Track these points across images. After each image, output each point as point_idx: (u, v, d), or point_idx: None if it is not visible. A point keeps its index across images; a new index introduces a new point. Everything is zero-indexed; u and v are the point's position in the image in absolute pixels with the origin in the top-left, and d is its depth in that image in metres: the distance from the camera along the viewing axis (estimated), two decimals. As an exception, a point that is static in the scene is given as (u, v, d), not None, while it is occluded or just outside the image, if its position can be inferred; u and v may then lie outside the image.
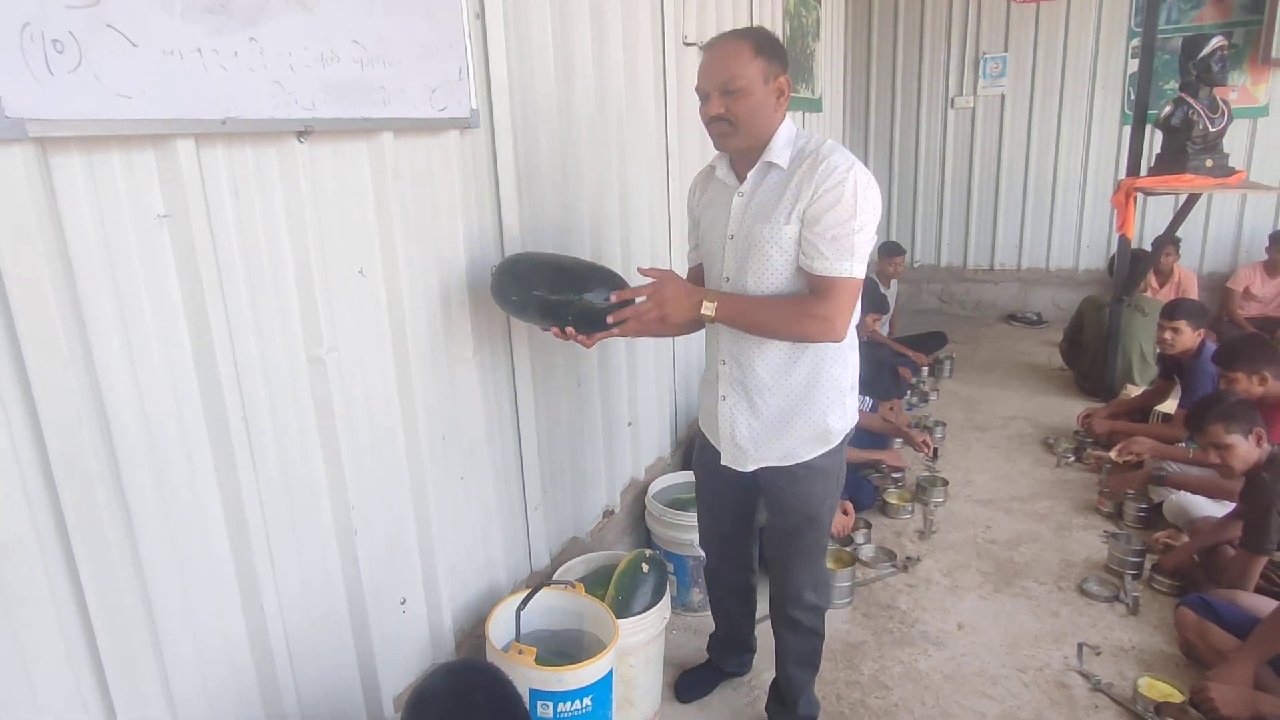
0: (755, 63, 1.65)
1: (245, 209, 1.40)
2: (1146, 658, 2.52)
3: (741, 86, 1.64)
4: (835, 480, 1.95)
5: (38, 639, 1.16)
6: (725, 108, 1.66)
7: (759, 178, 1.76)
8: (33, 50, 1.02)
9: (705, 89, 1.69)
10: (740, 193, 1.78)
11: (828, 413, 1.83)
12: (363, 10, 1.51)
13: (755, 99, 1.66)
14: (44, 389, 1.11)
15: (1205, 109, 3.98)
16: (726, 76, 1.64)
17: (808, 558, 2.00)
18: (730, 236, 1.80)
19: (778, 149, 1.72)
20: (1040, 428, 4.46)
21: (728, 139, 1.72)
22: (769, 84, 1.68)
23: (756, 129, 1.70)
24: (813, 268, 1.67)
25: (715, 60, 1.67)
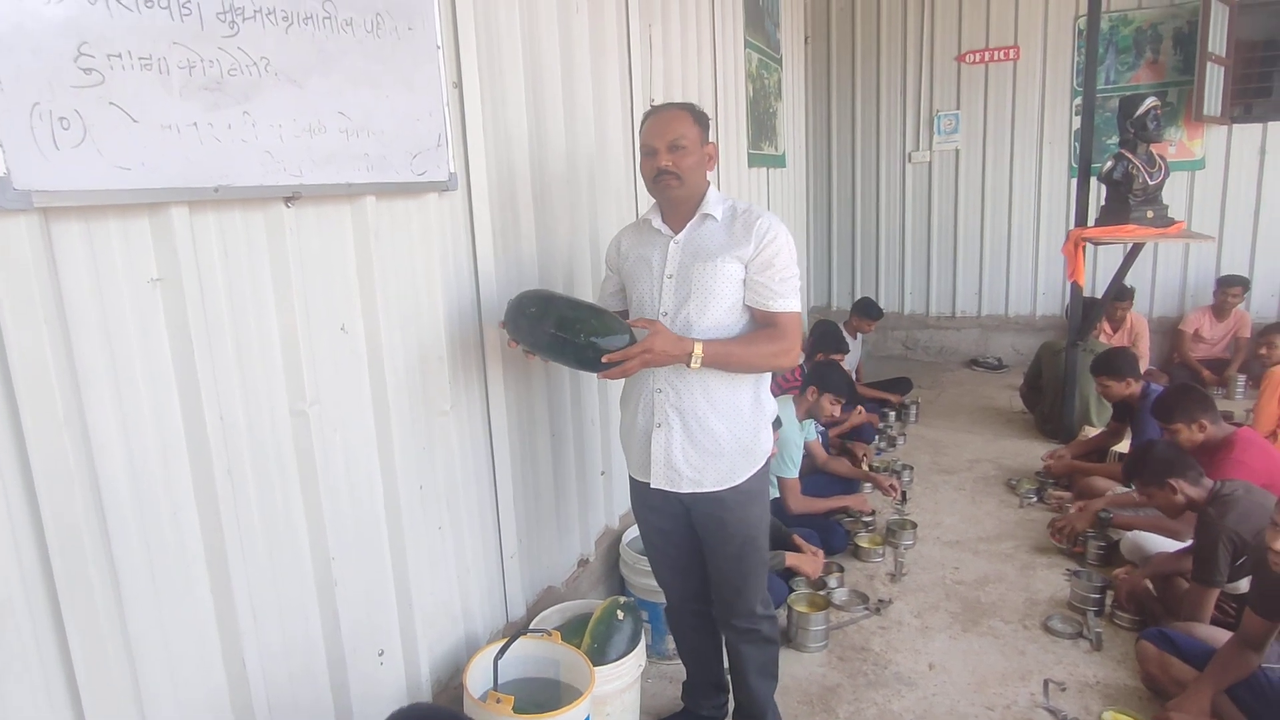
0: (695, 128, 1.94)
1: (234, 270, 1.46)
2: (1110, 692, 2.59)
3: (685, 145, 1.91)
4: (765, 499, 2.14)
5: (23, 699, 1.18)
6: (672, 161, 1.90)
7: (696, 226, 1.99)
8: (41, 127, 1.09)
9: (654, 145, 1.93)
10: (676, 240, 2.00)
11: (758, 433, 2.03)
12: (348, 84, 1.61)
13: (695, 157, 1.94)
14: (38, 449, 1.15)
15: (1144, 164, 4.22)
16: (675, 135, 1.91)
17: (753, 575, 2.12)
18: (669, 276, 1.99)
19: (712, 204, 1.99)
20: (1004, 469, 4.58)
21: (673, 189, 1.94)
22: (703, 147, 1.97)
23: (695, 183, 1.96)
24: (770, 306, 1.93)
25: (663, 122, 1.94)
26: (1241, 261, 6.21)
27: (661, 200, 2.02)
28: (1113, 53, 6.32)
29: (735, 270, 1.92)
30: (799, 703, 2.58)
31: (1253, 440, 3.09)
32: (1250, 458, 2.99)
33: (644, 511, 2.19)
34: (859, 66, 7.06)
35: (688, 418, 1.98)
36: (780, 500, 3.52)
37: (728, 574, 2.11)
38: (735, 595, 2.13)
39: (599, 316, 1.85)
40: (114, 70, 1.18)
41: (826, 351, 4.47)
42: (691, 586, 2.26)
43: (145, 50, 1.22)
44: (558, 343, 1.84)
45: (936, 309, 7.22)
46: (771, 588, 3.03)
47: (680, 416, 1.99)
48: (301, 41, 1.50)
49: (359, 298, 1.76)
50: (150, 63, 1.23)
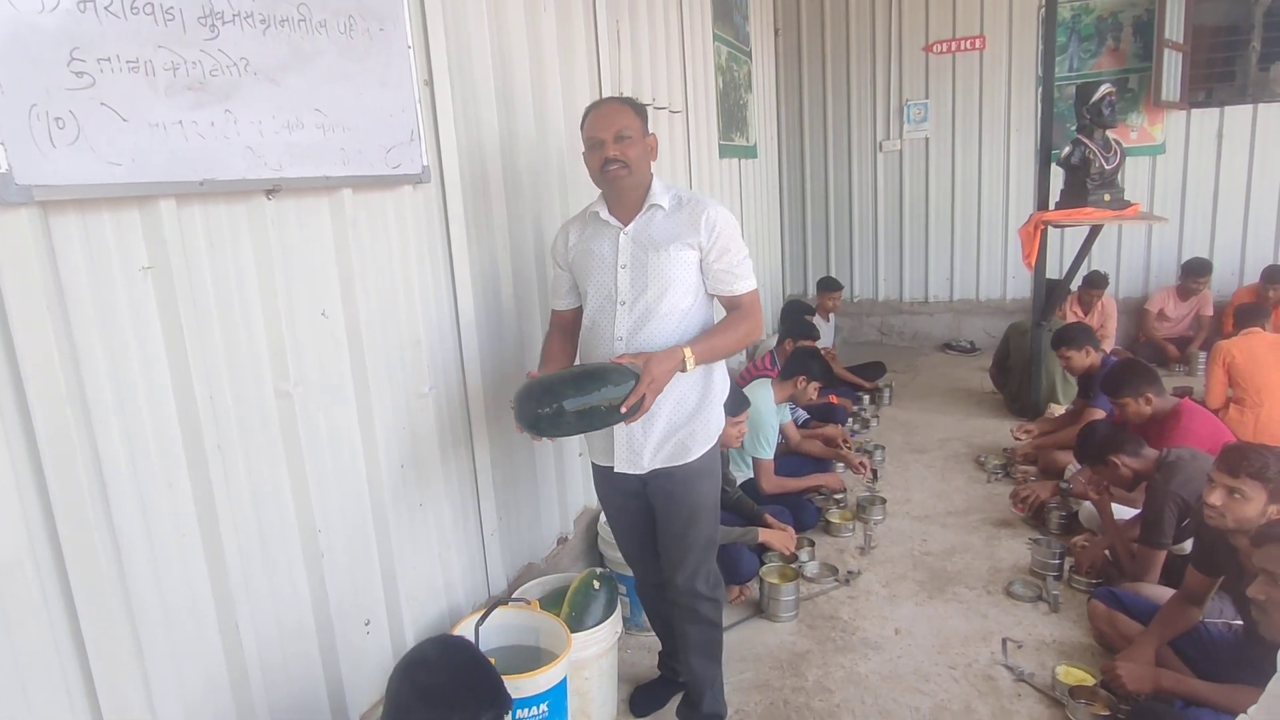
0: (637, 119, 2.02)
1: (219, 259, 1.56)
2: (1065, 649, 2.73)
3: (630, 135, 1.99)
4: (716, 479, 2.20)
5: (34, 655, 1.28)
6: (619, 151, 1.97)
7: (646, 218, 2.05)
8: (39, 127, 1.19)
9: (600, 137, 1.99)
10: (625, 231, 2.05)
11: (712, 412, 2.11)
12: (324, 82, 1.70)
13: (640, 147, 2.02)
14: (43, 422, 1.25)
15: (1100, 149, 4.37)
16: (620, 126, 1.98)
17: (698, 551, 2.17)
18: (622, 266, 2.04)
19: (658, 194, 2.06)
20: (973, 447, 4.73)
21: (622, 179, 2.01)
22: (645, 138, 2.04)
23: (641, 172, 2.04)
24: (733, 289, 2.05)
25: (606, 114, 2.02)
26: (1202, 243, 6.39)
27: (610, 191, 2.07)
28: (1075, 40, 6.48)
29: (690, 256, 2.01)
30: (770, 668, 2.71)
31: (1196, 410, 3.24)
32: (1196, 425, 3.14)
33: (607, 493, 2.28)
34: (829, 58, 7.20)
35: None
36: (754, 480, 3.64)
37: (670, 548, 2.19)
38: (675, 570, 2.18)
39: (600, 380, 1.84)
40: (104, 73, 1.28)
41: (795, 339, 4.60)
42: (654, 563, 2.36)
43: (132, 54, 1.32)
44: (585, 424, 1.88)
45: (910, 295, 7.37)
46: (743, 561, 3.17)
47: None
48: (278, 43, 1.59)
49: (338, 285, 1.86)
50: (137, 65, 1.32)
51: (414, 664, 1.47)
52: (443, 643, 1.59)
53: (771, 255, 6.63)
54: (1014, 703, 2.47)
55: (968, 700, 2.49)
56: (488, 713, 1.42)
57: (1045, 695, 2.47)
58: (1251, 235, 6.30)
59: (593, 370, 1.90)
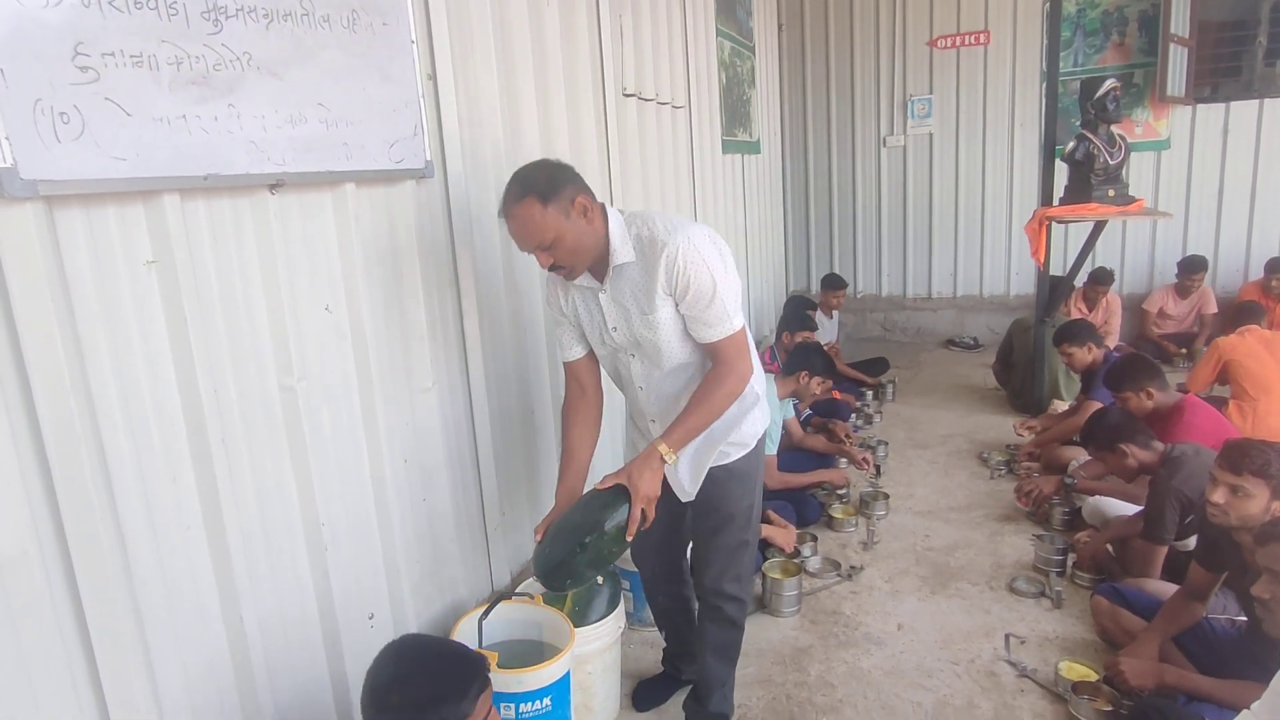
0: (549, 211, 1.73)
1: (223, 254, 1.57)
2: (1068, 644, 2.73)
3: (553, 238, 1.75)
4: (753, 481, 2.13)
5: (40, 647, 1.28)
6: (554, 258, 1.78)
7: (617, 278, 1.88)
8: (43, 122, 1.19)
9: (527, 250, 1.81)
10: (602, 291, 1.91)
11: (741, 423, 2.04)
12: (327, 76, 1.71)
13: (571, 235, 1.76)
14: (48, 415, 1.25)
15: (1104, 144, 4.35)
16: (537, 238, 1.75)
17: (729, 553, 2.14)
18: (613, 329, 1.95)
19: (619, 249, 1.84)
20: (976, 443, 4.72)
21: (573, 274, 1.86)
22: (572, 215, 1.76)
23: (589, 252, 1.82)
24: (705, 338, 1.87)
25: (519, 229, 1.77)
26: (1206, 239, 6.37)
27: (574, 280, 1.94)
28: (1080, 35, 6.45)
29: (666, 311, 1.85)
30: (772, 663, 2.71)
31: (1199, 405, 3.23)
32: (1200, 420, 3.13)
33: None
34: (833, 53, 7.17)
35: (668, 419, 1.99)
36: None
37: (701, 547, 2.19)
38: (705, 568, 2.18)
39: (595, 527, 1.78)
40: (108, 68, 1.28)
41: (792, 331, 4.60)
42: (665, 568, 2.37)
43: (136, 49, 1.32)
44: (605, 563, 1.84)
45: (913, 291, 7.36)
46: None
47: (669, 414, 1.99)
48: (281, 37, 1.60)
49: (341, 279, 1.87)
50: (141, 60, 1.33)
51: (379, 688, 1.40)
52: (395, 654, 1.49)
53: (775, 251, 6.62)
54: (1017, 698, 2.47)
55: (970, 696, 2.49)
56: (473, 685, 1.38)
57: (1048, 691, 2.47)
58: (1257, 231, 6.28)
59: (585, 521, 1.81)
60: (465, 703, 1.35)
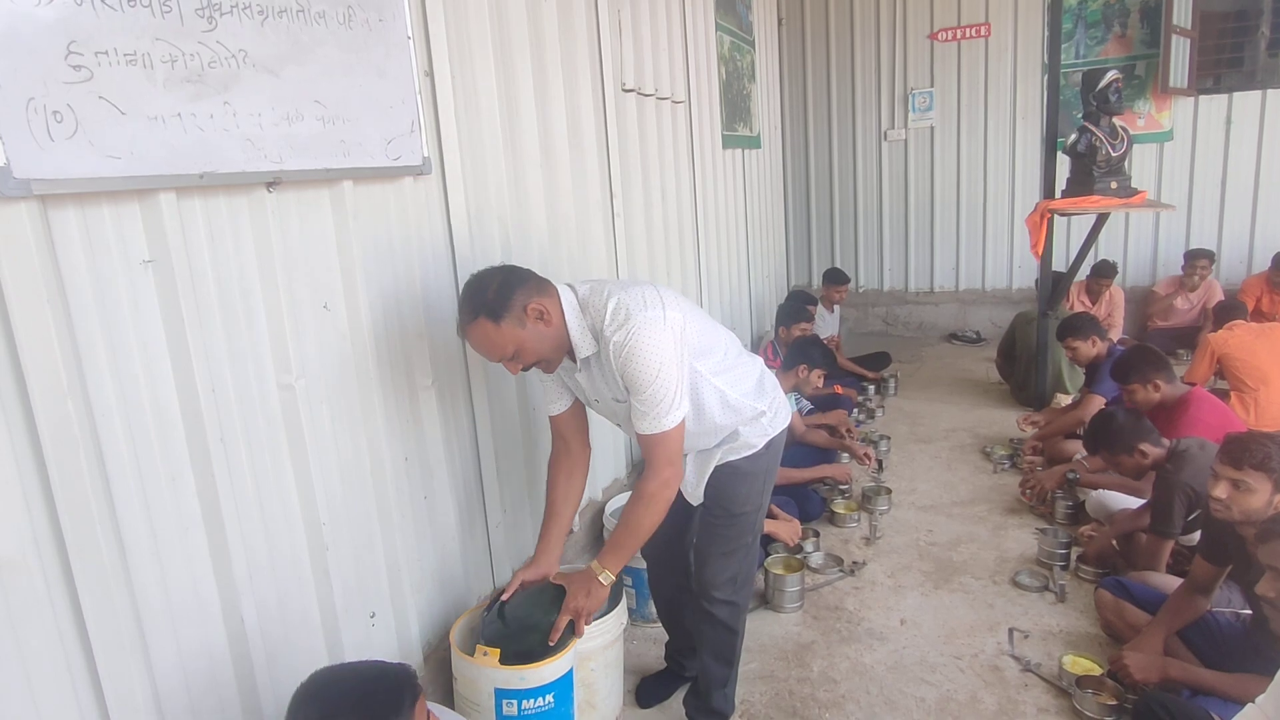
0: (502, 327, 1.73)
1: (220, 252, 1.56)
2: (1072, 638, 2.72)
3: (513, 351, 1.77)
4: (758, 482, 2.12)
5: (39, 649, 1.28)
6: (521, 365, 1.81)
7: (587, 367, 1.90)
8: (36, 120, 1.18)
9: (494, 362, 1.83)
10: (579, 371, 1.92)
11: (737, 434, 2.06)
12: (323, 74, 1.69)
13: (531, 343, 1.77)
14: (45, 416, 1.25)
15: (1106, 136, 4.34)
16: (498, 354, 1.78)
17: (725, 553, 2.14)
18: (595, 401, 2.01)
19: (580, 343, 1.83)
20: (979, 438, 4.71)
21: (549, 368, 1.89)
22: (527, 324, 1.76)
23: (555, 349, 1.83)
24: (637, 430, 1.85)
25: (478, 347, 1.81)
26: (1209, 231, 6.35)
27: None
28: (1081, 27, 6.43)
29: (626, 403, 1.86)
30: (775, 659, 2.71)
31: (1205, 398, 3.22)
32: (1205, 414, 3.12)
33: None
34: (833, 47, 7.15)
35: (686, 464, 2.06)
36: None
37: (698, 544, 2.20)
38: (701, 566, 2.18)
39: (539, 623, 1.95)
40: (102, 66, 1.27)
41: (788, 325, 4.59)
42: (668, 558, 2.37)
43: (130, 46, 1.31)
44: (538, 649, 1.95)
45: (915, 285, 7.35)
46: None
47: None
48: (277, 34, 1.59)
49: (340, 277, 1.86)
50: (135, 58, 1.32)
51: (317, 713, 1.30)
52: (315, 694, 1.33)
53: (776, 246, 6.61)
54: (1020, 693, 2.46)
55: (974, 691, 2.48)
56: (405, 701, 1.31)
57: (1052, 685, 2.47)
58: (1260, 223, 6.26)
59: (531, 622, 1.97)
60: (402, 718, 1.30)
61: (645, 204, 3.63)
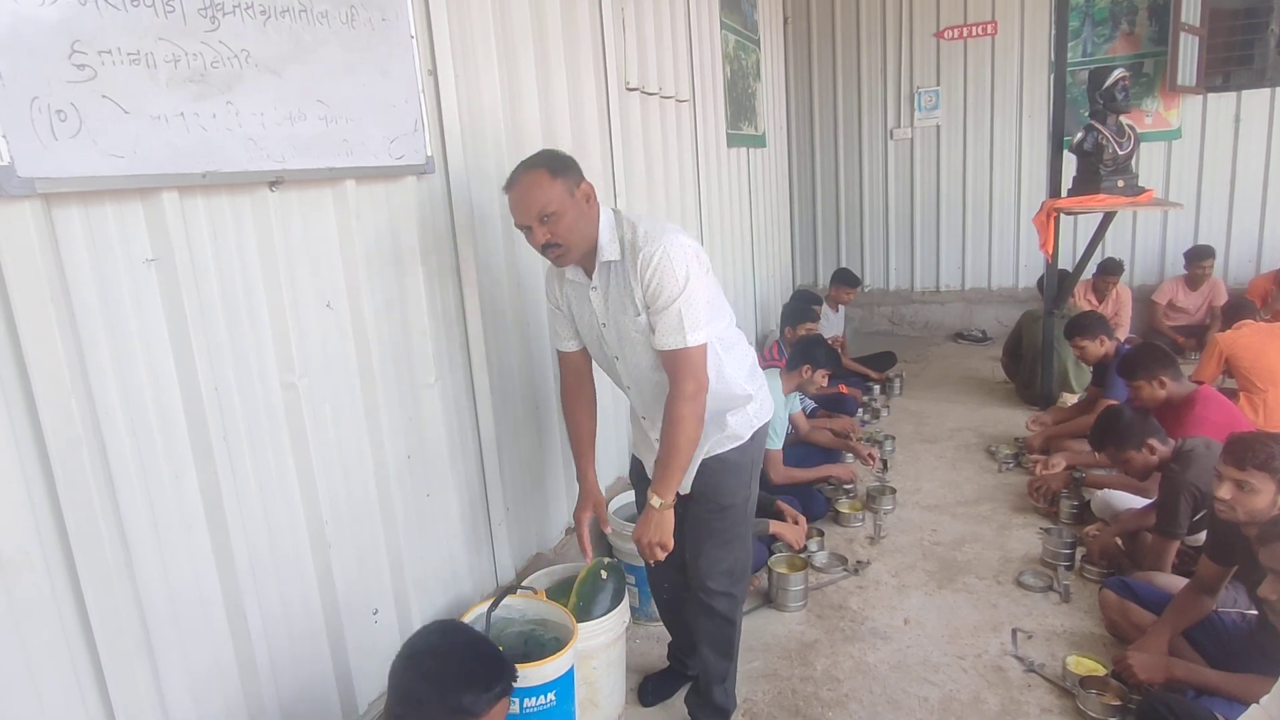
0: (557, 184, 1.79)
1: (223, 251, 1.57)
2: (1076, 639, 2.71)
3: (555, 209, 1.79)
4: (745, 474, 2.15)
5: (44, 647, 1.29)
6: (550, 233, 1.81)
7: (604, 275, 1.94)
8: (40, 120, 1.19)
9: (525, 223, 1.83)
10: (594, 288, 1.96)
11: (725, 421, 2.07)
12: (326, 73, 1.70)
13: (570, 215, 1.82)
14: (49, 414, 1.26)
15: (1113, 134, 4.32)
16: (540, 206, 1.78)
17: (718, 545, 2.16)
18: (604, 325, 2.01)
19: (606, 245, 1.89)
20: (984, 437, 4.70)
21: (565, 258, 1.88)
22: (575, 196, 1.83)
23: (583, 238, 1.87)
24: (660, 345, 1.88)
25: (523, 196, 1.81)
26: (1218, 229, 6.31)
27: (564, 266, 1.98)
28: (1089, 25, 6.39)
29: (643, 318, 1.89)
30: (778, 658, 2.70)
31: (1212, 397, 3.20)
32: (1211, 413, 3.10)
33: (642, 484, 2.30)
34: (839, 46, 7.14)
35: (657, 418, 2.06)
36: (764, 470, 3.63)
37: (690, 538, 2.20)
38: (695, 559, 2.19)
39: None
40: (105, 65, 1.28)
41: (793, 325, 4.57)
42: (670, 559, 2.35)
43: (133, 46, 1.32)
44: None
45: (921, 284, 7.32)
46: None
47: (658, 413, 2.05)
48: (280, 34, 1.59)
49: (343, 276, 1.86)
50: (138, 57, 1.32)
51: (416, 653, 1.48)
52: (440, 628, 1.60)
53: (781, 246, 6.59)
54: (1024, 693, 2.46)
55: (977, 691, 2.48)
56: (496, 686, 1.43)
57: (1056, 686, 2.46)
58: (1269, 222, 6.22)
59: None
60: (487, 696, 1.41)
61: (649, 203, 3.62)
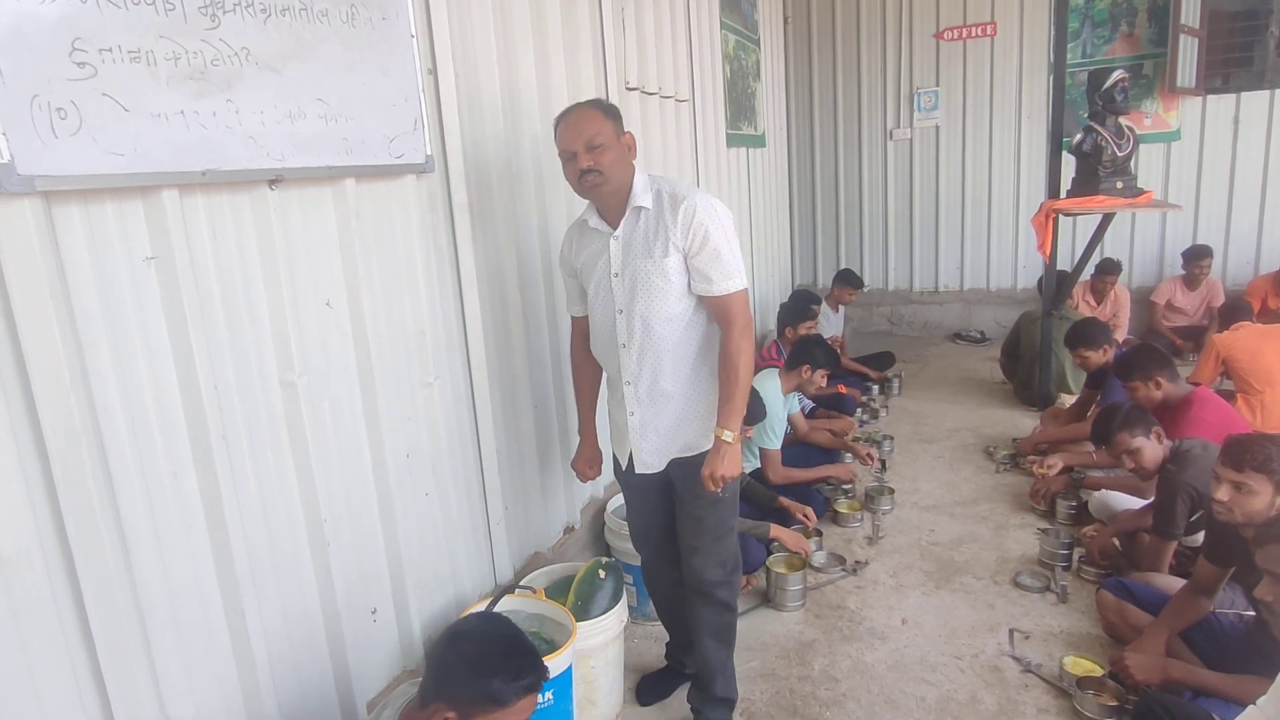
0: (607, 122, 1.98)
1: (223, 249, 1.57)
2: (1073, 639, 2.72)
3: (602, 142, 1.95)
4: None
5: (43, 646, 1.29)
6: (593, 161, 1.94)
7: (632, 221, 2.04)
8: (40, 118, 1.19)
9: (572, 149, 1.96)
10: (615, 236, 2.05)
11: (713, 412, 2.09)
12: (326, 72, 1.70)
13: (614, 151, 1.97)
14: (48, 412, 1.26)
15: (1112, 136, 4.32)
16: (590, 135, 1.94)
17: (713, 540, 2.20)
18: (615, 275, 2.06)
19: (640, 194, 2.02)
20: (982, 437, 4.70)
21: (600, 187, 1.98)
22: (620, 140, 2.00)
23: (620, 176, 2.00)
24: (710, 291, 2.00)
25: (575, 124, 1.97)
26: (1216, 231, 6.32)
27: (593, 199, 2.07)
28: (1088, 26, 6.40)
29: (675, 261, 1.99)
30: (776, 657, 2.71)
31: (1209, 398, 3.21)
32: (1207, 414, 3.10)
33: (627, 481, 2.31)
34: (839, 46, 7.14)
35: (658, 403, 2.11)
36: (762, 471, 3.63)
37: (687, 535, 2.22)
38: (691, 554, 2.22)
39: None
40: (105, 63, 1.28)
41: (793, 325, 4.57)
42: (664, 551, 2.38)
43: (134, 44, 1.32)
44: None
45: (920, 284, 7.33)
46: (750, 552, 3.14)
47: (652, 404, 2.11)
48: (280, 32, 1.59)
49: (342, 275, 1.86)
50: (139, 55, 1.32)
51: (458, 634, 1.52)
52: (484, 617, 1.65)
53: (780, 246, 6.60)
54: (1021, 693, 2.46)
55: (974, 691, 2.48)
56: (526, 678, 1.46)
57: (1052, 686, 2.46)
58: (1268, 223, 6.22)
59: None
60: (515, 686, 1.44)
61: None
